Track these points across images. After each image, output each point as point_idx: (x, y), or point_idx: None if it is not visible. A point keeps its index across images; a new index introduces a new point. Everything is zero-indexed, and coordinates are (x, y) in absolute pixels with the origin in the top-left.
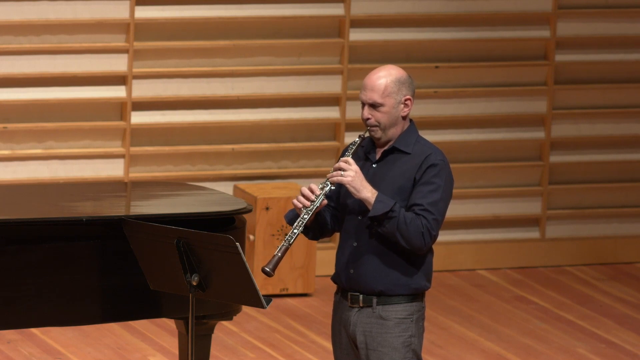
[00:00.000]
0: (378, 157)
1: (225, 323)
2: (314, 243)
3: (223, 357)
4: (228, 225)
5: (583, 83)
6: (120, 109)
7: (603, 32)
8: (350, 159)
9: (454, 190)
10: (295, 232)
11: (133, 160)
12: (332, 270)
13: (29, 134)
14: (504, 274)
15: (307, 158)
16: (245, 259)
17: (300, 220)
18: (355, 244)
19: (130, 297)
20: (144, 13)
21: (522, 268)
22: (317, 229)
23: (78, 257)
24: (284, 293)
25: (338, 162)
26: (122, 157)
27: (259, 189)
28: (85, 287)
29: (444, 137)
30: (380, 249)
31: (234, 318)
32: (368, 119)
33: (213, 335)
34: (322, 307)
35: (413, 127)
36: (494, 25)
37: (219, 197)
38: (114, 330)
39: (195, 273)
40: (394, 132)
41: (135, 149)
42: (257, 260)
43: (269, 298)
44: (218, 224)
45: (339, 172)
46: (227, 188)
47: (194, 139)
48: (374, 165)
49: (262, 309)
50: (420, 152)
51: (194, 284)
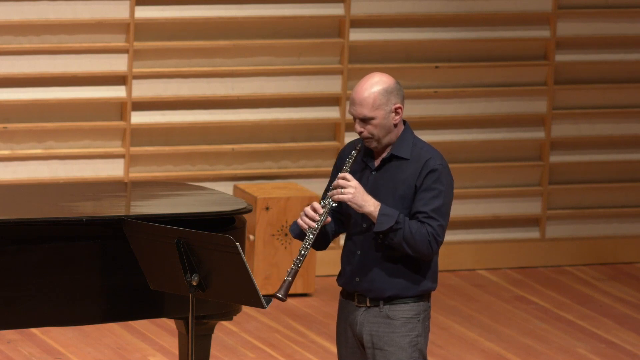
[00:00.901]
0: (377, 164)
1: (225, 323)
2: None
3: (223, 357)
4: (228, 225)
5: (583, 83)
6: (120, 109)
7: (603, 32)
8: (348, 175)
9: (454, 191)
10: (304, 253)
11: (133, 160)
12: (332, 271)
13: (29, 134)
14: (504, 274)
15: (307, 158)
16: (245, 259)
17: (307, 242)
18: (360, 253)
19: (130, 297)
20: (144, 13)
21: (522, 268)
22: (321, 242)
23: (78, 257)
24: None
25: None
26: (122, 157)
27: (259, 189)
28: (85, 287)
29: (444, 137)
30: (386, 257)
31: (234, 318)
32: (361, 132)
33: (213, 335)
34: (322, 307)
35: (408, 129)
36: (494, 25)
37: (219, 197)
38: (114, 330)
39: (195, 273)
40: (389, 139)
41: (135, 149)
42: (257, 260)
43: (269, 298)
44: (218, 224)
45: (339, 189)
46: (227, 188)
47: (194, 139)
48: (374, 173)
49: (262, 309)
50: (419, 157)
51: (194, 284)
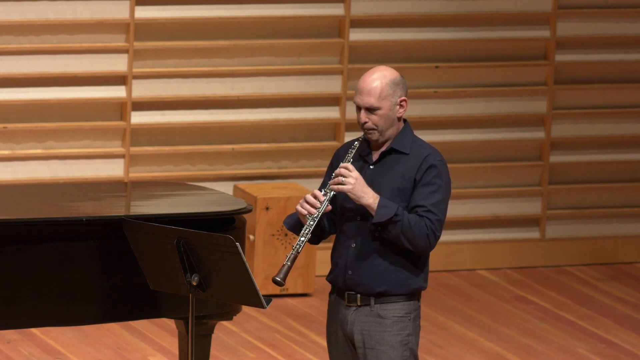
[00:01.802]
0: (376, 158)
1: (225, 323)
2: None
3: (223, 357)
4: (228, 225)
5: (583, 83)
6: (120, 109)
7: (603, 32)
8: (350, 165)
9: (454, 191)
10: (303, 239)
11: (133, 160)
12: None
13: (29, 134)
14: (504, 274)
15: (307, 158)
16: (245, 259)
17: (307, 228)
18: (354, 245)
19: (130, 297)
20: (144, 13)
21: (522, 268)
22: (317, 234)
23: (78, 257)
24: (284, 293)
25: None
26: (122, 157)
27: (259, 189)
28: (85, 287)
29: (444, 137)
30: (380, 251)
31: (234, 318)
32: (365, 123)
33: (213, 335)
34: (322, 307)
35: (408, 127)
36: (494, 25)
37: (219, 197)
38: (114, 330)
39: (195, 273)
40: (390, 133)
41: (135, 149)
42: (257, 260)
43: (269, 298)
44: (218, 224)
45: (339, 179)
46: (227, 188)
47: (194, 139)
48: (372, 167)
49: (262, 309)
50: (419, 152)
51: (194, 284)
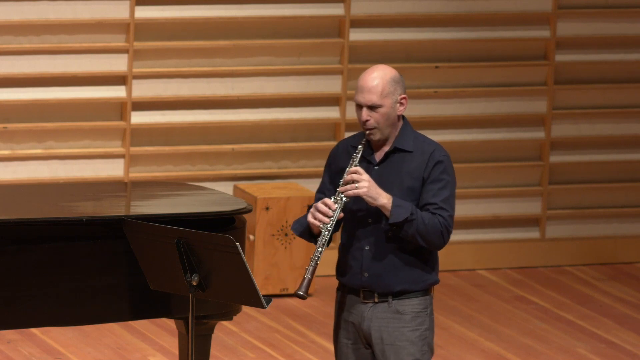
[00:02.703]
0: (379, 158)
1: (225, 323)
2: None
3: (223, 357)
4: (228, 225)
5: (583, 83)
6: (120, 109)
7: (603, 32)
8: (360, 169)
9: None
10: (320, 250)
11: (133, 160)
12: (332, 271)
13: (29, 134)
14: (504, 274)
15: (307, 158)
16: (245, 259)
17: (323, 238)
18: (368, 248)
19: (130, 297)
20: (144, 13)
21: (522, 268)
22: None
23: (78, 257)
24: (284, 293)
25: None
26: (122, 157)
27: (259, 189)
28: (85, 287)
29: (444, 137)
30: (395, 252)
31: (234, 318)
32: (367, 121)
33: (213, 335)
34: (322, 307)
35: (407, 124)
36: (494, 25)
37: (219, 197)
38: (114, 330)
39: (195, 273)
40: (391, 131)
41: (135, 149)
42: (257, 260)
43: (269, 298)
44: (218, 224)
45: (352, 185)
46: (227, 188)
47: (194, 139)
48: (376, 167)
49: (262, 309)
50: (423, 149)
51: (194, 284)
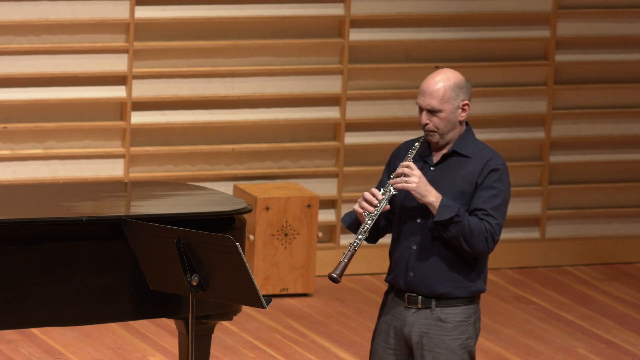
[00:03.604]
0: (437, 160)
1: (225, 323)
2: (314, 243)
3: (223, 357)
4: (228, 225)
5: (583, 83)
6: (120, 109)
7: (603, 32)
8: (412, 164)
9: None
10: (360, 237)
11: (133, 160)
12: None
13: (29, 134)
14: (504, 274)
15: (307, 158)
16: (245, 259)
17: (365, 226)
18: (415, 247)
19: (131, 297)
20: (144, 13)
21: (522, 268)
22: (374, 233)
23: (78, 257)
24: (284, 293)
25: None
26: (122, 157)
27: (259, 189)
28: (85, 287)
29: None
30: (441, 252)
31: (234, 318)
32: (426, 125)
33: (213, 335)
34: (322, 307)
35: (470, 130)
36: (494, 25)
37: (219, 197)
38: (114, 330)
39: (195, 273)
40: (452, 136)
41: (135, 149)
42: (257, 260)
43: (269, 298)
44: (218, 224)
45: (403, 178)
46: (227, 188)
47: (194, 139)
48: (432, 168)
49: (262, 309)
50: (481, 156)
51: (194, 284)
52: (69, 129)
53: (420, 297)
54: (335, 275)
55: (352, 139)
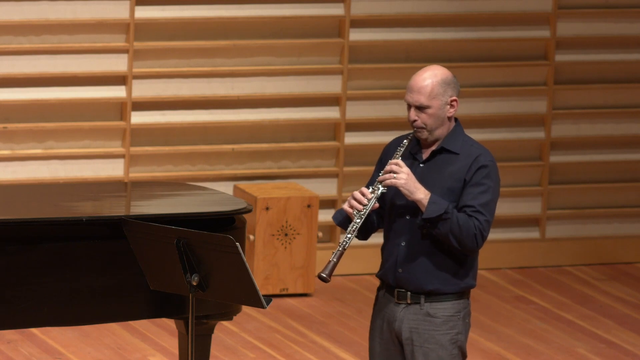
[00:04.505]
0: (426, 157)
1: (225, 323)
2: (314, 243)
3: (223, 357)
4: (228, 225)
5: (583, 83)
6: (120, 109)
7: (603, 32)
8: (401, 161)
9: None
10: (349, 236)
11: (133, 160)
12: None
13: (29, 134)
14: (504, 274)
15: (307, 158)
16: (245, 259)
17: (354, 225)
18: (404, 244)
19: (130, 297)
20: (144, 13)
21: (522, 268)
22: (366, 230)
23: (78, 257)
24: (284, 293)
25: (388, 164)
26: (122, 157)
27: (259, 189)
28: (85, 287)
29: None
30: (430, 249)
31: (234, 318)
32: (415, 121)
33: (213, 335)
34: (322, 307)
35: (459, 126)
36: (494, 25)
37: (219, 197)
38: (114, 330)
39: (195, 273)
40: (440, 132)
41: (135, 149)
42: (257, 260)
43: (269, 298)
44: (218, 224)
45: (391, 174)
46: (227, 188)
47: (194, 139)
48: (422, 165)
49: (262, 309)
50: (469, 152)
51: (194, 284)
52: (69, 129)
53: (409, 292)
54: (325, 275)
55: (352, 139)
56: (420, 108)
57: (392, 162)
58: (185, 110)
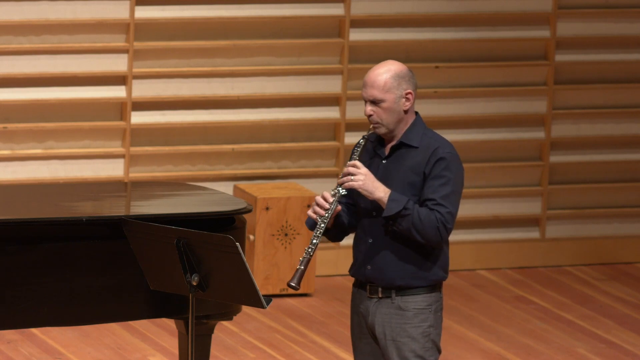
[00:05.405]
0: (387, 153)
1: (225, 323)
2: None
3: (223, 357)
4: (228, 225)
5: (583, 83)
6: (120, 109)
7: (603, 32)
8: (358, 162)
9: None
10: (315, 242)
11: (133, 160)
12: (332, 271)
13: (29, 134)
14: (504, 274)
15: (307, 158)
16: (245, 259)
17: (318, 230)
18: (371, 241)
19: (130, 297)
20: (144, 13)
21: (522, 268)
22: (337, 231)
23: (78, 257)
24: (284, 293)
25: (346, 166)
26: (122, 157)
27: (259, 189)
28: (85, 287)
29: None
30: (396, 245)
31: (234, 318)
32: (370, 116)
33: (213, 335)
34: (322, 307)
35: (419, 120)
36: (494, 25)
37: (219, 197)
38: (114, 330)
39: (195, 273)
40: (399, 127)
41: (135, 149)
42: (257, 260)
43: (269, 298)
44: (218, 224)
45: (349, 177)
46: (227, 188)
47: (194, 139)
48: (384, 162)
49: (262, 309)
50: (428, 145)
51: (194, 284)
52: (69, 129)
53: (380, 287)
54: (294, 284)
55: (352, 139)
56: (375, 102)
57: (349, 163)
58: (185, 110)
